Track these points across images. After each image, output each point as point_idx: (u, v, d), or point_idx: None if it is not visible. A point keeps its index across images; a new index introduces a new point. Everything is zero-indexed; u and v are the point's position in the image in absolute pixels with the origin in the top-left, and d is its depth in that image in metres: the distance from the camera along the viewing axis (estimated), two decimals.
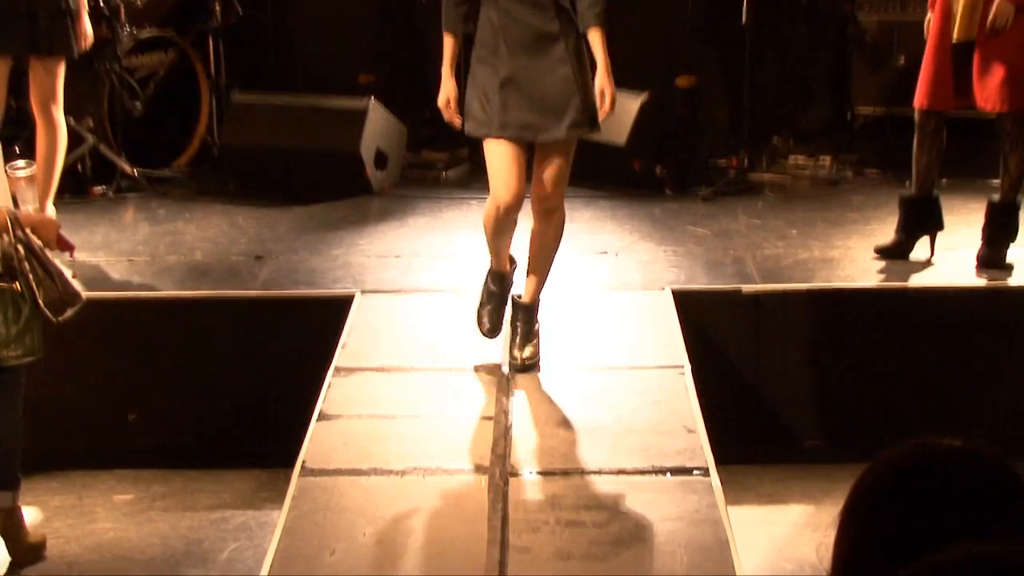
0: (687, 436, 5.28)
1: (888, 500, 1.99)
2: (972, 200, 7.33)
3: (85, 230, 7.56)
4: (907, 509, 1.96)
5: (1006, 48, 6.51)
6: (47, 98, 7.10)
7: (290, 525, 4.73)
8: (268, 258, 7.29)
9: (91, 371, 6.49)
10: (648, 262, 7.17)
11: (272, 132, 8.60)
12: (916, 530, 1.92)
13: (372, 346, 6.11)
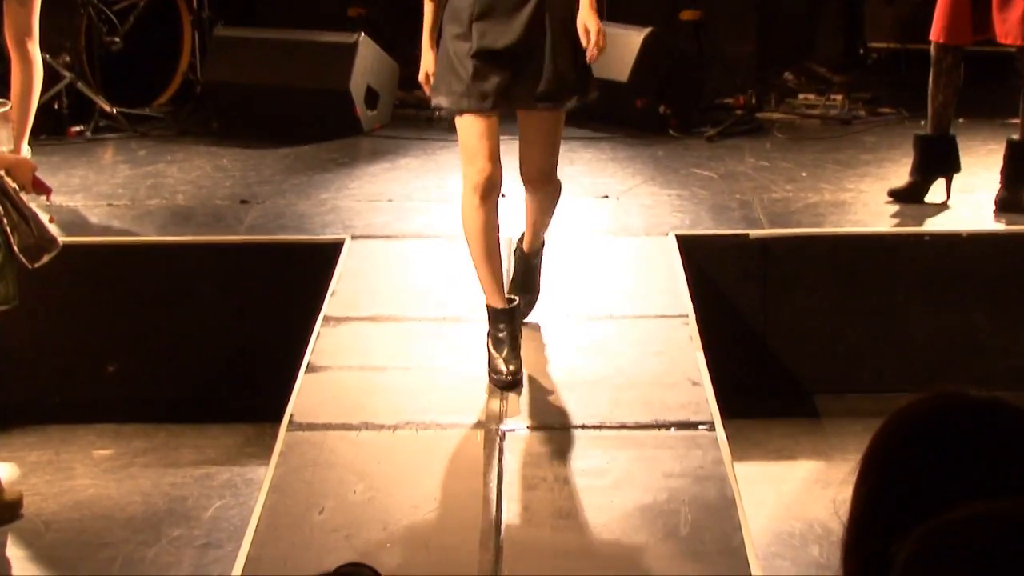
0: (691, 389, 5.29)
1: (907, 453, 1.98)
2: (990, 140, 7.32)
3: (62, 172, 7.56)
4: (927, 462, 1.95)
5: None
6: (21, 32, 7.04)
7: (277, 482, 4.75)
8: (254, 202, 7.28)
9: (69, 320, 6.50)
10: (651, 206, 7.16)
11: (257, 69, 8.59)
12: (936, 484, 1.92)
13: (363, 294, 6.11)
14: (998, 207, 6.84)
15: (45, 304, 6.10)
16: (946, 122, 6.94)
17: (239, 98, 8.64)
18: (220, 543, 5.43)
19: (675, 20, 9.03)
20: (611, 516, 4.55)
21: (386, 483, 4.75)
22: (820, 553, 5.22)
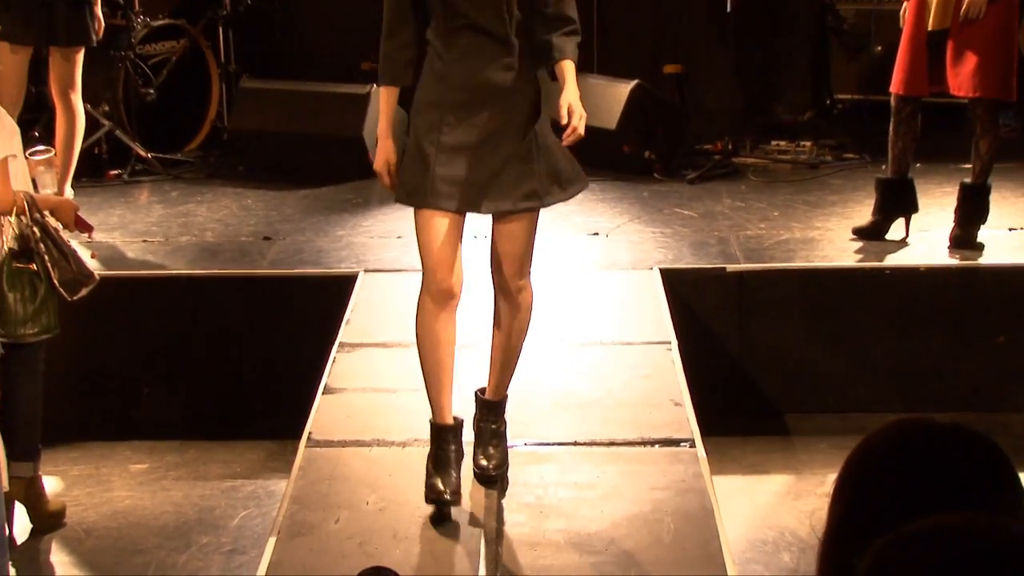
0: (674, 409, 5.29)
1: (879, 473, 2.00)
2: (945, 183, 7.33)
3: (102, 211, 7.56)
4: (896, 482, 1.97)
5: (978, 36, 6.50)
6: (66, 85, 7.10)
7: (297, 494, 4.75)
8: (276, 238, 7.28)
9: (107, 347, 6.51)
10: (637, 242, 7.16)
11: (279, 117, 8.60)
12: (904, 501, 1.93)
13: (375, 323, 6.11)
14: (952, 244, 6.85)
15: (86, 332, 6.11)
16: (905, 166, 6.95)
17: (262, 144, 8.64)
18: (245, 549, 5.42)
19: (659, 73, 9.06)
20: (601, 525, 4.55)
21: (396, 495, 4.74)
22: (791, 559, 5.22)
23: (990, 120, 6.71)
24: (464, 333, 4.74)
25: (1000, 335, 6.58)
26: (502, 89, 4.37)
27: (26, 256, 5.11)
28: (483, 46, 4.34)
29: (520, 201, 4.45)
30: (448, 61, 4.36)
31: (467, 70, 4.36)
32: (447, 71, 4.38)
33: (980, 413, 6.19)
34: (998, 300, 6.65)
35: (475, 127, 4.37)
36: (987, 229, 6.90)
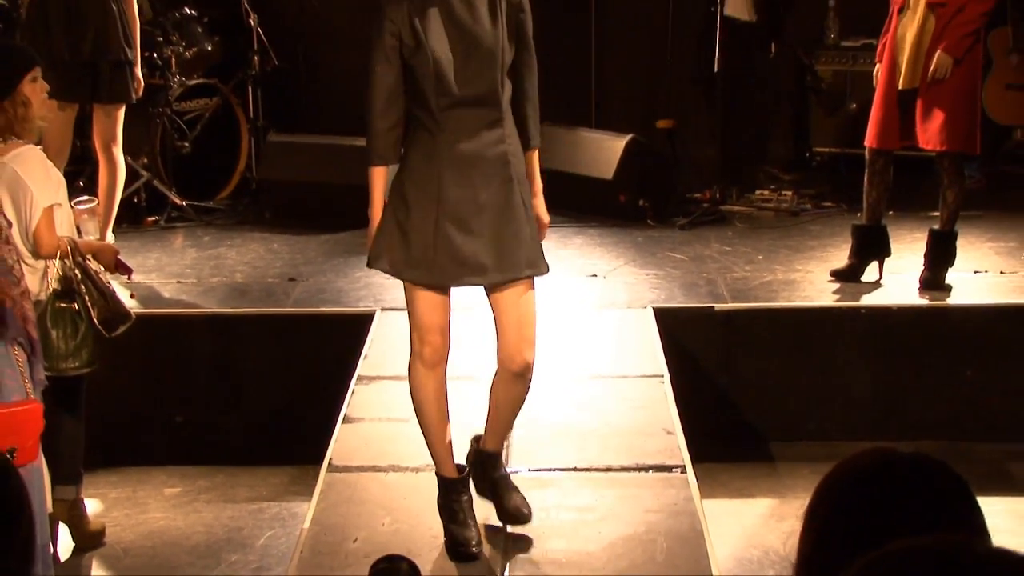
0: (666, 437, 5.29)
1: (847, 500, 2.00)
2: (915, 229, 7.33)
3: (140, 255, 7.57)
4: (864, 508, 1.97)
5: (945, 95, 6.52)
6: (108, 139, 7.12)
7: (318, 515, 4.75)
8: (299, 279, 7.29)
9: (144, 379, 6.52)
10: (632, 283, 7.16)
11: (303, 168, 8.61)
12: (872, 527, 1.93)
13: (390, 357, 6.09)
14: (922, 286, 6.85)
15: (125, 367, 6.10)
16: (879, 214, 6.96)
17: (288, 192, 8.65)
18: (270, 567, 5.43)
19: (652, 128, 9.07)
20: (599, 545, 4.54)
21: (409, 517, 4.74)
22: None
23: (956, 172, 6.72)
24: (464, 365, 4.74)
25: (966, 370, 6.59)
26: (495, 161, 4.21)
27: (68, 296, 5.11)
28: (474, 121, 4.19)
29: (524, 268, 4.28)
30: (440, 138, 4.17)
31: (460, 145, 4.18)
32: (439, 147, 4.18)
33: (948, 441, 6.18)
34: (964, 338, 6.65)
35: (472, 201, 4.19)
36: (954, 272, 6.90)
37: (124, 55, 7.02)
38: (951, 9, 6.46)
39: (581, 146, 8.49)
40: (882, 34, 6.74)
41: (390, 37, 4.14)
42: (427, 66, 4.12)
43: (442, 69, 4.12)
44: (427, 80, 4.14)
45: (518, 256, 4.25)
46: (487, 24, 4.16)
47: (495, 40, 4.16)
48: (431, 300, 4.29)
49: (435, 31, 4.13)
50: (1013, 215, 8.38)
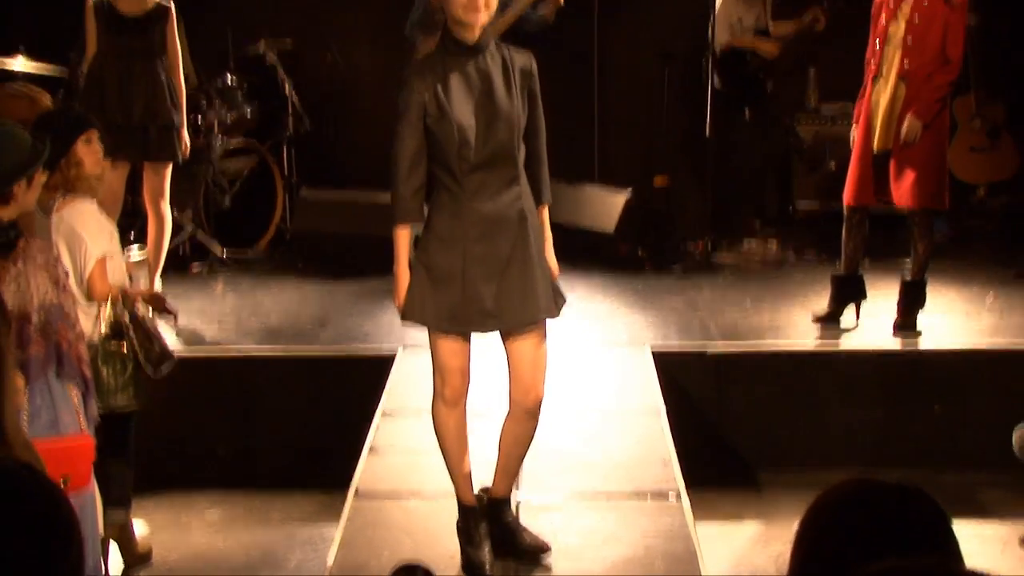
0: (663, 467, 5.29)
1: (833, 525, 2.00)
2: (889, 278, 7.31)
3: (185, 300, 7.57)
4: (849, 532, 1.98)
5: (915, 156, 6.53)
6: (156, 194, 7.15)
7: (346, 538, 4.75)
8: (329, 322, 7.30)
9: (188, 413, 6.51)
10: (631, 326, 7.16)
11: (333, 221, 8.62)
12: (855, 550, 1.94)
13: (412, 393, 6.09)
14: (896, 329, 6.84)
15: (171, 402, 6.09)
16: (856, 264, 6.96)
17: (319, 243, 8.66)
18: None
19: (649, 184, 9.09)
20: (603, 566, 4.54)
21: (429, 539, 4.74)
22: None
23: (926, 226, 6.73)
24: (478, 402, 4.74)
25: (936, 405, 6.57)
26: (513, 218, 4.25)
27: (118, 338, 5.13)
28: (494, 181, 4.21)
29: (540, 313, 4.34)
30: (463, 199, 4.19)
31: (482, 205, 4.20)
32: (462, 208, 4.20)
33: (920, 471, 6.15)
34: (934, 376, 6.64)
35: (494, 255, 4.22)
36: (924, 317, 6.89)
37: (171, 119, 7.06)
38: (919, 79, 6.48)
39: (585, 201, 8.52)
40: (858, 100, 6.77)
41: (416, 106, 4.15)
42: (451, 134, 4.14)
43: (465, 136, 4.14)
44: (451, 146, 4.16)
45: (535, 303, 4.30)
46: (503, 92, 4.20)
47: (511, 107, 4.20)
48: (454, 346, 4.33)
49: (457, 100, 4.15)
50: (977, 265, 8.39)
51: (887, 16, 6.57)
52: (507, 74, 4.23)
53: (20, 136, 4.39)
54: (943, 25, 6.44)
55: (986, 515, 6.11)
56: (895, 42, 6.53)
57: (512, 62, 4.25)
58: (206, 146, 8.58)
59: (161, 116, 7.02)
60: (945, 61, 6.48)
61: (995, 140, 9.45)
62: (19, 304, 4.22)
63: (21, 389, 4.09)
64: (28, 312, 4.22)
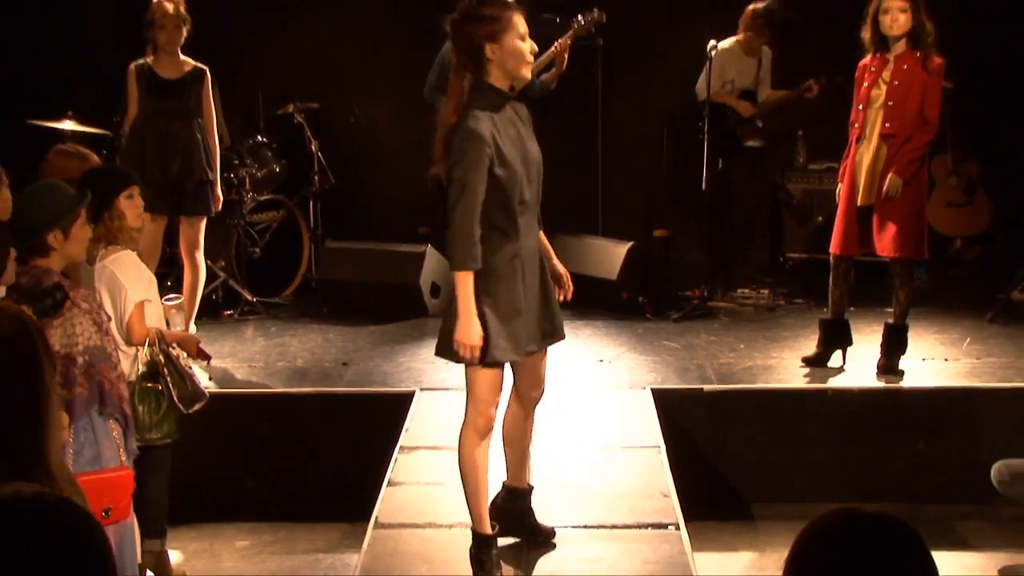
0: (663, 499, 5.28)
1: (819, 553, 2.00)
2: (873, 323, 7.32)
3: (217, 343, 7.61)
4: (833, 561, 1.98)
5: (896, 210, 6.55)
6: (192, 245, 7.19)
7: (366, 565, 4.75)
8: (351, 364, 7.30)
9: (220, 449, 6.51)
10: (633, 367, 7.16)
11: (355, 270, 8.67)
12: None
13: (428, 430, 6.12)
14: (879, 371, 6.83)
15: (204, 438, 6.09)
16: (842, 310, 6.97)
17: (342, 291, 8.70)
18: None
19: (650, 236, 9.12)
20: None
21: (444, 566, 4.73)
22: None
23: (907, 274, 6.74)
24: None
25: (917, 442, 6.56)
26: (538, 251, 4.45)
27: (153, 378, 5.15)
28: (532, 220, 4.36)
29: (559, 334, 4.56)
30: (517, 240, 4.24)
31: (529, 242, 4.32)
32: (519, 248, 4.26)
33: (903, 504, 6.14)
34: (916, 415, 6.63)
35: (535, 286, 4.40)
36: (906, 359, 6.89)
37: (206, 175, 7.11)
38: (900, 139, 6.51)
39: (589, 251, 8.54)
40: (843, 159, 6.79)
41: (487, 157, 4.13)
42: (514, 179, 4.19)
43: (522, 180, 4.22)
44: (513, 191, 4.20)
45: (556, 325, 4.54)
46: (528, 136, 4.35)
47: (536, 149, 4.36)
48: (495, 379, 4.39)
49: (509, 147, 4.21)
50: (955, 311, 8.39)
51: (870, 81, 6.61)
52: (523, 120, 4.37)
53: (61, 191, 4.44)
54: (921, 90, 6.48)
55: (966, 546, 6.09)
56: (877, 105, 6.57)
57: (519, 109, 4.39)
58: (238, 200, 8.64)
59: (196, 173, 7.07)
60: (924, 123, 6.51)
61: (970, 196, 9.50)
62: (65, 347, 4.25)
63: (65, 426, 4.12)
64: (73, 355, 4.25)
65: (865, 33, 6.59)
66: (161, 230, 7.09)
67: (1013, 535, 6.08)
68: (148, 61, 7.07)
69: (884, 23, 6.50)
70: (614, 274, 8.44)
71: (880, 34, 6.54)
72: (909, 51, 6.51)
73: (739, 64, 8.75)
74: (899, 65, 6.52)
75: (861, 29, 6.60)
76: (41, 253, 4.34)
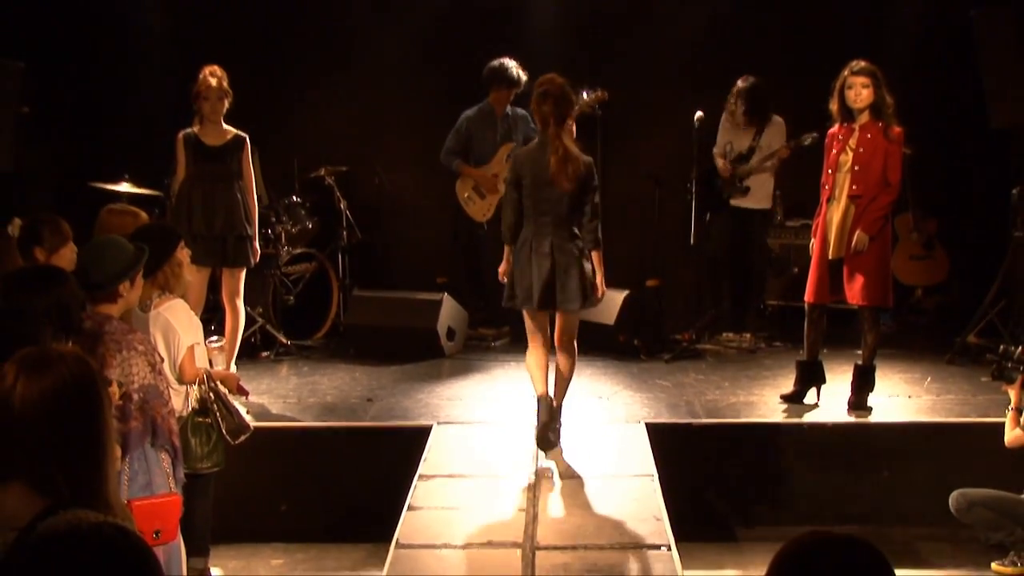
0: (655, 523, 5.28)
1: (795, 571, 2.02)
2: (844, 364, 7.32)
3: (255, 381, 7.62)
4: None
5: (863, 263, 6.59)
6: (232, 293, 7.22)
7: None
8: (375, 400, 7.31)
9: (258, 476, 6.50)
10: (628, 404, 7.16)
11: (379, 315, 8.69)
12: None
13: (444, 460, 6.12)
14: (850, 407, 6.83)
15: (244, 466, 6.10)
16: (816, 352, 6.99)
17: (367, 334, 8.70)
18: None
19: (643, 286, 9.13)
20: None
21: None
22: None
23: (874, 320, 6.76)
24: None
25: (884, 471, 6.55)
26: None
27: (204, 413, 5.18)
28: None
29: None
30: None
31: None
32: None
33: (870, 526, 6.12)
34: (883, 447, 6.63)
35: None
36: (874, 396, 6.90)
37: (246, 231, 7.15)
38: (866, 200, 6.57)
39: None
40: (815, 217, 6.84)
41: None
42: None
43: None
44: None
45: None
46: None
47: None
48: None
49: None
50: (917, 353, 8.41)
51: (838, 148, 6.67)
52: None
53: (124, 245, 4.50)
54: (884, 156, 6.54)
55: (927, 566, 6.07)
56: (845, 169, 6.63)
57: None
58: (275, 253, 8.69)
59: (237, 229, 7.12)
60: (887, 185, 6.57)
61: (930, 250, 9.53)
62: (122, 385, 4.28)
63: (119, 458, 4.14)
64: (130, 392, 4.28)
65: (833, 105, 6.66)
66: (206, 280, 7.14)
67: (970, 555, 6.06)
68: (195, 130, 7.14)
69: (849, 97, 6.58)
70: (612, 320, 8.46)
71: (846, 106, 6.61)
72: (872, 121, 6.57)
73: (736, 130, 8.80)
74: (863, 134, 6.57)
75: (829, 101, 6.67)
76: (110, 300, 4.40)
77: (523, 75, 8.60)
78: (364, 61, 9.86)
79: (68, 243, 5.26)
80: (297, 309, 8.97)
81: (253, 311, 8.35)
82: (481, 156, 8.89)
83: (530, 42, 9.53)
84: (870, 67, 6.57)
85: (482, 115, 8.87)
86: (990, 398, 6.95)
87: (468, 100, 8.97)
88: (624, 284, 8.79)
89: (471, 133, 8.87)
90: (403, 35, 9.85)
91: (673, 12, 9.77)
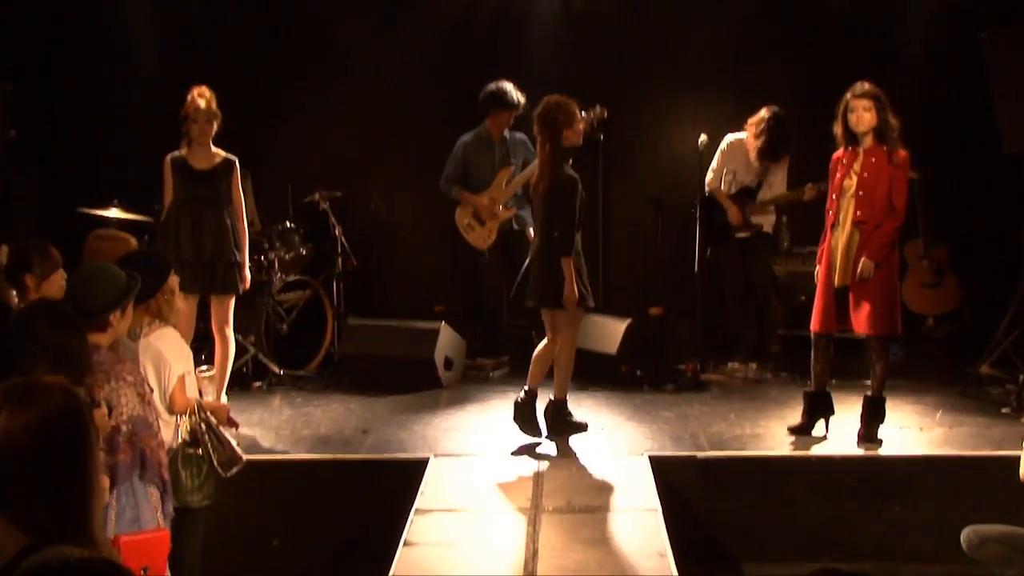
0: (659, 559, 5.27)
1: None
2: (853, 395, 7.33)
3: (246, 412, 7.62)
4: None
5: (870, 291, 6.61)
6: (222, 322, 7.23)
7: None
8: (370, 432, 7.31)
9: (249, 510, 6.49)
10: (631, 435, 7.16)
11: (375, 345, 8.69)
12: None
13: (441, 494, 6.12)
14: (859, 439, 6.84)
15: (234, 500, 6.09)
16: (823, 382, 6.99)
17: (363, 364, 8.70)
18: None
19: (646, 314, 9.14)
20: None
21: None
22: None
23: (882, 349, 6.77)
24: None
25: (895, 506, 6.54)
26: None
27: (195, 444, 5.17)
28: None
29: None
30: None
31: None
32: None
33: (881, 563, 6.11)
34: (893, 480, 6.62)
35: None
36: (884, 428, 6.90)
37: (235, 257, 7.18)
38: (871, 226, 6.59)
39: (590, 328, 8.56)
40: (820, 244, 6.86)
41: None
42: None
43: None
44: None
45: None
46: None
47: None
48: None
49: None
50: (928, 383, 8.42)
51: (842, 173, 6.70)
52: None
53: (116, 274, 4.52)
54: (889, 180, 6.57)
55: None
56: (849, 195, 6.65)
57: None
58: (267, 281, 8.70)
59: (226, 255, 7.14)
60: (892, 210, 6.60)
61: (941, 278, 9.55)
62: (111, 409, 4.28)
63: (106, 490, 4.14)
64: (118, 424, 4.29)
65: (836, 129, 6.70)
66: (195, 307, 7.16)
67: None
68: (183, 153, 7.18)
69: (851, 121, 6.61)
70: (614, 349, 8.47)
71: (850, 130, 6.63)
72: (876, 145, 6.60)
73: (744, 159, 8.75)
74: (868, 158, 6.61)
75: (834, 125, 6.70)
76: (100, 330, 4.40)
77: (521, 98, 8.64)
78: (360, 85, 9.92)
79: (58, 270, 5.27)
80: (290, 338, 8.97)
81: (245, 340, 8.36)
82: (479, 181, 8.93)
83: (529, 66, 9.60)
84: (873, 90, 6.60)
85: (478, 140, 8.91)
86: (1005, 430, 6.96)
87: (466, 124, 9.02)
88: (626, 312, 8.80)
89: (468, 159, 8.91)
90: (399, 59, 9.91)
91: (675, 35, 9.83)
